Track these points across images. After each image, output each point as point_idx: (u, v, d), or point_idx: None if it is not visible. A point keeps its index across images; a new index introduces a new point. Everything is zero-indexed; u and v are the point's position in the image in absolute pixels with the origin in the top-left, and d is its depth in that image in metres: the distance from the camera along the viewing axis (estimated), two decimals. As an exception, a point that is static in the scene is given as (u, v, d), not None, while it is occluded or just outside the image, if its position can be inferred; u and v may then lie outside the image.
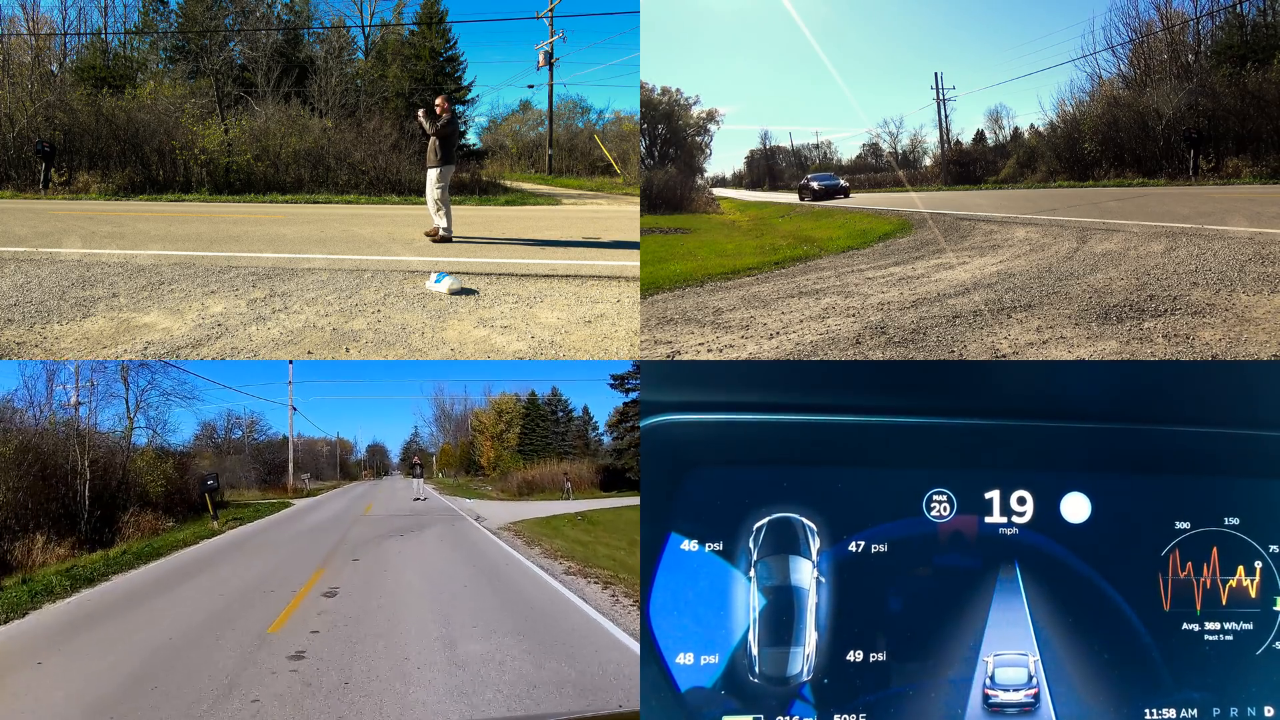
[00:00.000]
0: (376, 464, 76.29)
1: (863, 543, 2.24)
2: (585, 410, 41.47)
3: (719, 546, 2.22)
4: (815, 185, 29.09)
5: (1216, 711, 2.24)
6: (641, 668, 2.17)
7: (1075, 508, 2.29)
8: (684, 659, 2.18)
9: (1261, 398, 2.38)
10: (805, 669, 2.17)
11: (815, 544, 2.22)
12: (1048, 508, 2.28)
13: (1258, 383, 2.41)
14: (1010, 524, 2.28)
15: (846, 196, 28.06)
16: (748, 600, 2.21)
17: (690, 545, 2.22)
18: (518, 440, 39.46)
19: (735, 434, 2.25)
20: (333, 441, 58.47)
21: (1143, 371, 2.46)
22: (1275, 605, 2.31)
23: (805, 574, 2.20)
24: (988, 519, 2.28)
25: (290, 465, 35.15)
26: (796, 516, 2.23)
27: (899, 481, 2.26)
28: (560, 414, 40.48)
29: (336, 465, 55.04)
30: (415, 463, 31.27)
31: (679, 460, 2.24)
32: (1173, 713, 2.23)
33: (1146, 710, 2.22)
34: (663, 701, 2.15)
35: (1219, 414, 2.33)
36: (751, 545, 2.22)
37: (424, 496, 27.32)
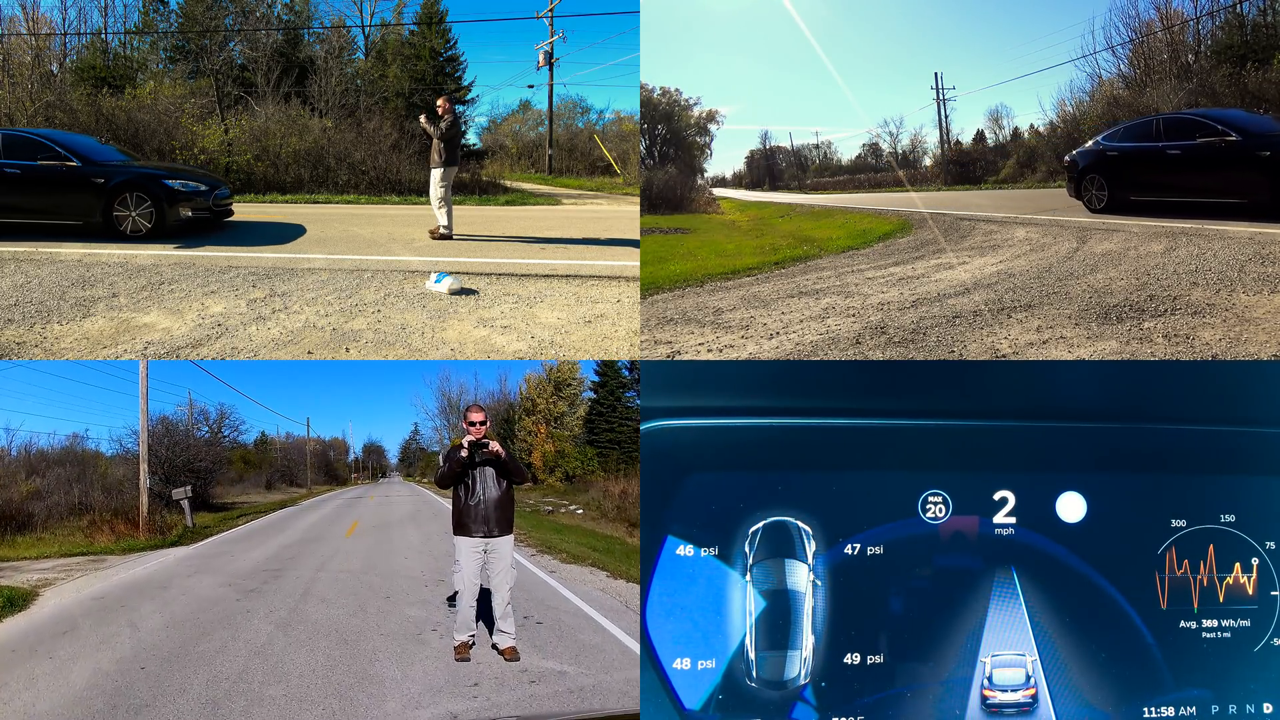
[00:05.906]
0: (372, 464, 76.33)
1: (858, 545, 2.23)
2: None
3: (715, 551, 2.22)
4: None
5: (1215, 709, 2.24)
6: (641, 673, 2.16)
7: (1071, 507, 2.29)
8: (681, 664, 2.18)
9: (1255, 395, 2.38)
10: (803, 672, 2.17)
11: (811, 547, 2.21)
12: (1044, 508, 2.28)
13: (1251, 381, 2.41)
14: (1006, 524, 2.28)
15: None
16: (744, 604, 2.20)
17: (686, 550, 2.21)
18: (583, 427, 26.52)
19: (729, 439, 2.25)
20: (324, 441, 52.80)
21: (1136, 371, 2.46)
22: (1273, 602, 2.31)
23: (801, 577, 2.20)
24: (984, 520, 2.28)
25: (143, 474, 17.14)
26: (792, 520, 2.22)
27: (894, 483, 2.26)
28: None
29: (308, 467, 47.80)
30: (480, 451, 5.26)
31: (675, 465, 2.24)
32: (1171, 710, 2.23)
33: (1145, 708, 2.22)
34: (660, 706, 2.15)
35: (1213, 412, 2.33)
36: (747, 549, 2.21)
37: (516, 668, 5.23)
